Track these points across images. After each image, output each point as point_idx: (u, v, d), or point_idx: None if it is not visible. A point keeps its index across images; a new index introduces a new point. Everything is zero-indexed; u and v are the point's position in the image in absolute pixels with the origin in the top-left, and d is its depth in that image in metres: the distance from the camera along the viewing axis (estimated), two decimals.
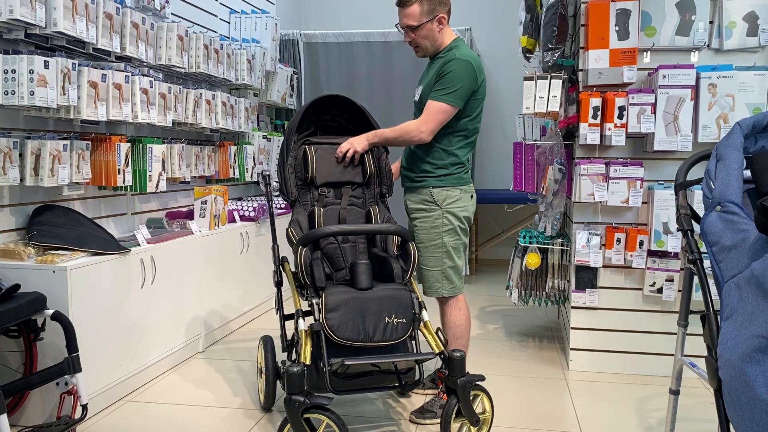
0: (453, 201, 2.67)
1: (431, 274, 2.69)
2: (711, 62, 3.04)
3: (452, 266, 2.69)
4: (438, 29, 2.66)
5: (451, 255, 2.68)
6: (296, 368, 2.09)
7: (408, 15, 2.64)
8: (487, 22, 6.06)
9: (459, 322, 2.70)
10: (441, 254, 2.67)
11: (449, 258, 2.68)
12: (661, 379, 3.11)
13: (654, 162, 3.13)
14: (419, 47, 2.70)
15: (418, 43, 2.69)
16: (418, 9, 2.61)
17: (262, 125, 5.16)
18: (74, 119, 2.82)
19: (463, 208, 2.69)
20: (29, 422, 2.48)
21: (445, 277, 2.68)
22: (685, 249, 1.87)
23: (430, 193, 2.67)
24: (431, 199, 2.67)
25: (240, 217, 4.14)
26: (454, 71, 2.57)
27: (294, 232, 2.53)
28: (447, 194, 2.67)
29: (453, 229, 2.67)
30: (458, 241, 2.70)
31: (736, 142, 1.66)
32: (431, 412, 2.59)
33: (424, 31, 2.64)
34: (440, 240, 2.66)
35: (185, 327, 3.36)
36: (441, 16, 2.64)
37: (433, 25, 2.64)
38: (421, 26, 2.63)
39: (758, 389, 1.30)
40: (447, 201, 2.66)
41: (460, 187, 2.69)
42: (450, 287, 2.69)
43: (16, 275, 2.47)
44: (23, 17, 2.40)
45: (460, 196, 2.69)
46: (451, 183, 2.68)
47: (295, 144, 2.72)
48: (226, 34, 4.56)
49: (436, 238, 2.66)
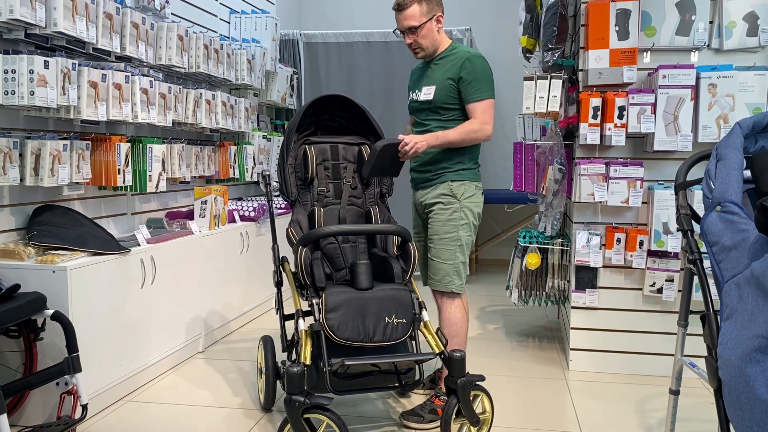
0: (470, 196, 2.69)
1: (443, 267, 2.67)
2: (711, 62, 3.04)
3: (463, 261, 2.70)
4: (437, 28, 2.70)
5: (464, 250, 2.69)
6: (296, 368, 2.09)
7: (408, 16, 2.66)
8: (487, 22, 6.06)
9: (456, 319, 2.69)
10: (455, 248, 2.66)
11: (462, 253, 2.68)
12: (661, 379, 3.11)
13: (654, 162, 3.13)
14: (420, 48, 2.72)
15: (419, 44, 2.70)
16: (418, 9, 2.64)
17: (262, 125, 5.16)
18: (74, 119, 2.82)
19: (477, 203, 2.73)
20: (29, 422, 2.48)
21: (456, 272, 2.68)
22: (685, 249, 1.87)
23: (449, 186, 2.69)
24: (450, 192, 2.68)
25: (240, 217, 4.14)
26: (482, 67, 2.64)
27: (294, 232, 2.53)
28: (465, 188, 2.69)
29: (468, 224, 2.69)
30: (470, 237, 2.71)
31: (736, 142, 1.66)
32: (418, 416, 2.55)
33: (424, 31, 2.67)
34: (456, 233, 2.66)
35: (185, 327, 3.36)
36: (439, 15, 2.69)
37: (432, 25, 2.68)
38: (421, 26, 2.66)
39: (758, 389, 1.30)
40: (465, 195, 2.69)
41: (475, 183, 2.73)
42: (459, 283, 2.69)
43: (16, 275, 2.47)
44: (23, 17, 2.40)
45: (475, 192, 2.72)
46: (469, 178, 2.71)
47: (295, 144, 2.72)
48: (226, 34, 4.56)
49: (452, 230, 2.66)
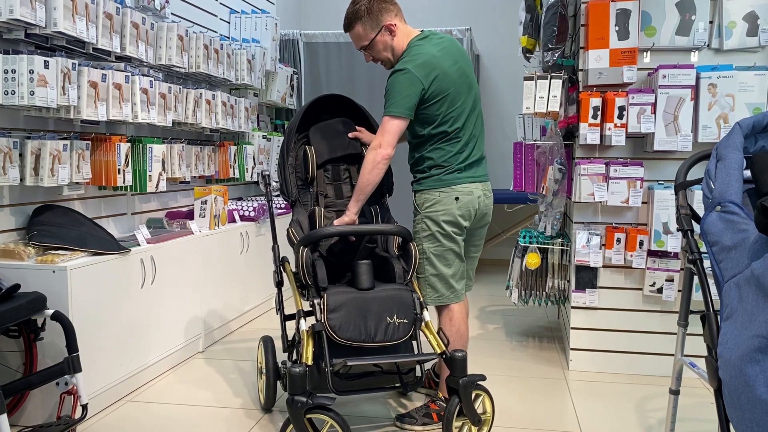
0: (430, 204, 2.53)
1: (418, 280, 2.58)
2: (711, 62, 3.04)
3: (435, 274, 2.53)
4: (391, 38, 2.55)
5: (432, 262, 2.53)
6: (299, 369, 2.09)
7: (355, 37, 2.58)
8: (487, 22, 6.05)
9: (449, 332, 2.54)
10: (423, 260, 2.54)
11: (431, 265, 2.53)
12: (661, 379, 3.11)
13: (654, 162, 3.13)
14: (382, 61, 2.62)
15: (378, 58, 2.61)
16: (361, 28, 2.54)
17: (262, 125, 5.16)
18: (74, 119, 2.82)
19: (443, 211, 2.50)
20: (29, 422, 2.48)
21: (429, 285, 2.55)
22: (685, 249, 1.87)
23: (413, 197, 2.62)
24: (414, 203, 2.61)
25: (240, 217, 4.14)
26: (393, 82, 2.47)
27: (295, 233, 2.53)
28: (425, 198, 2.55)
29: (431, 234, 2.52)
30: (440, 247, 2.52)
31: (736, 142, 1.66)
32: (413, 419, 2.53)
33: (378, 46, 2.56)
34: (420, 246, 2.54)
35: (185, 327, 3.36)
36: (388, 24, 2.53)
37: (384, 37, 2.55)
38: (372, 43, 2.55)
39: (758, 389, 1.30)
40: (425, 205, 2.54)
41: (439, 189, 2.52)
42: (435, 296, 2.55)
43: (16, 275, 2.46)
44: (23, 17, 2.40)
45: (439, 199, 2.51)
46: (430, 186, 2.54)
47: (295, 144, 2.72)
48: (226, 34, 4.56)
49: (418, 244, 2.55)
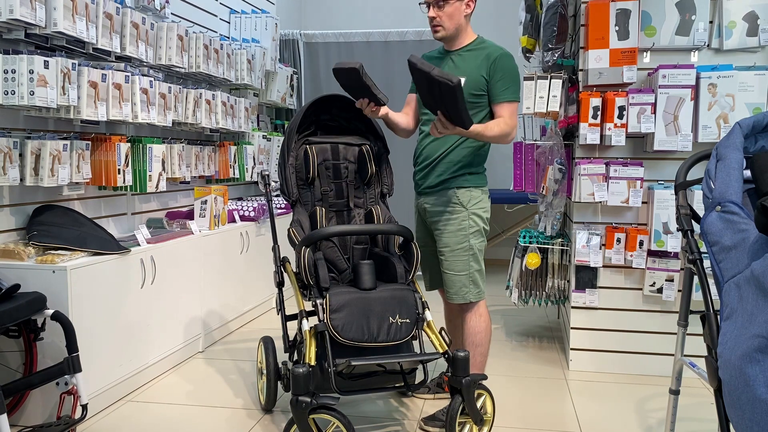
0: (477, 202, 2.58)
1: (458, 279, 2.56)
2: (711, 62, 3.04)
3: (479, 269, 2.59)
4: (465, 12, 2.51)
5: (477, 258, 2.58)
6: (302, 369, 2.09)
7: None
8: (487, 22, 6.05)
9: (479, 329, 2.60)
10: (468, 257, 2.56)
11: (476, 261, 2.57)
12: (661, 379, 3.11)
13: (654, 162, 3.13)
14: (440, 27, 2.51)
15: (441, 21, 2.49)
16: None
17: (262, 125, 5.16)
18: (74, 119, 2.82)
19: (485, 209, 2.61)
20: (29, 422, 2.48)
21: (472, 281, 2.57)
22: (685, 249, 1.87)
23: (455, 194, 2.57)
24: (456, 201, 2.56)
25: (240, 217, 4.14)
26: (514, 68, 2.51)
27: (296, 233, 2.52)
28: (472, 195, 2.57)
29: (479, 230, 2.58)
30: (483, 243, 2.60)
31: (736, 142, 1.66)
32: (440, 421, 2.53)
33: (450, 9, 2.47)
34: (467, 243, 2.55)
35: (185, 327, 3.36)
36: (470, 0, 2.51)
37: (461, 6, 2.49)
38: (448, 2, 2.46)
39: (758, 389, 1.30)
40: (472, 202, 2.57)
41: (482, 187, 2.61)
42: (476, 291, 2.58)
43: (16, 275, 2.47)
44: (23, 17, 2.40)
45: (482, 197, 2.60)
46: (475, 183, 2.58)
47: (295, 144, 2.72)
48: (226, 34, 4.56)
49: (463, 240, 2.55)
